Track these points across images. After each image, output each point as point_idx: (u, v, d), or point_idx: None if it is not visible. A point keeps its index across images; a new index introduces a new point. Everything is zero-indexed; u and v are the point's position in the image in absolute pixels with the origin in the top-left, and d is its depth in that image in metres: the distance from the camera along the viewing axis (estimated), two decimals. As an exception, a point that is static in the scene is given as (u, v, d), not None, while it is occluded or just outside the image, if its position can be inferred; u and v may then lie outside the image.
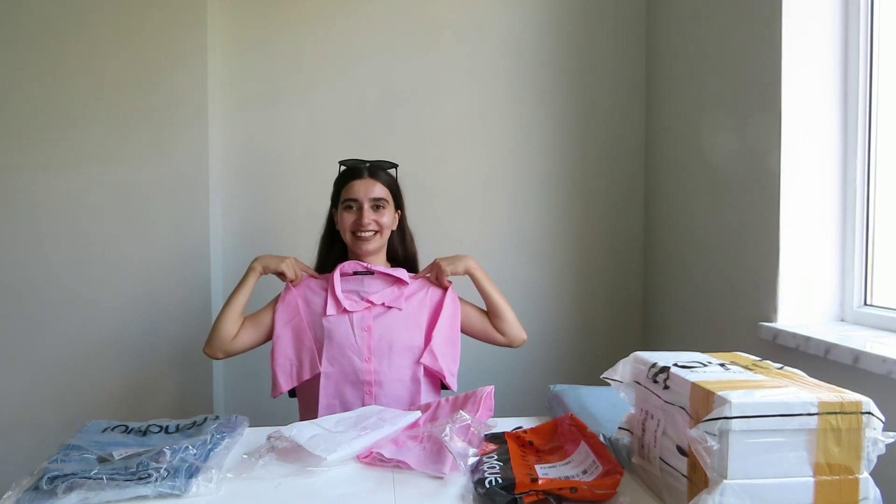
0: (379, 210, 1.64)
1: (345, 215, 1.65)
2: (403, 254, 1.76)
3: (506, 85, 2.41)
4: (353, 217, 1.63)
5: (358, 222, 1.62)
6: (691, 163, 2.13)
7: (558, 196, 2.44)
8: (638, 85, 2.45)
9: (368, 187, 1.64)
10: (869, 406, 0.85)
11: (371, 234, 1.63)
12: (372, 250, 1.65)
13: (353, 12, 2.36)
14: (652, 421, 1.01)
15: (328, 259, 1.74)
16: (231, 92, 2.32)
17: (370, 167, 1.67)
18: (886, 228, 1.62)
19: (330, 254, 1.74)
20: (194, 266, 2.23)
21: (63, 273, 2.19)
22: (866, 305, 1.66)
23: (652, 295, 2.44)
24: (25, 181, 2.18)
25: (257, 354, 2.34)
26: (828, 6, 1.65)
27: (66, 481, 0.98)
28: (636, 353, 1.10)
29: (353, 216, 1.63)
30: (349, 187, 1.65)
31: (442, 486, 1.05)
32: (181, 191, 2.21)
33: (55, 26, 2.17)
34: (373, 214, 1.63)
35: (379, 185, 1.66)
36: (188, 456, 1.07)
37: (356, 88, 2.36)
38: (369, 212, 1.63)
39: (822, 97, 1.66)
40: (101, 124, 2.19)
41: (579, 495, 0.97)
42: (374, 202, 1.64)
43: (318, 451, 1.10)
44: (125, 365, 2.21)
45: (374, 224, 1.63)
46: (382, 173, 1.69)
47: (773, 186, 1.68)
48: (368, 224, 1.62)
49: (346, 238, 1.66)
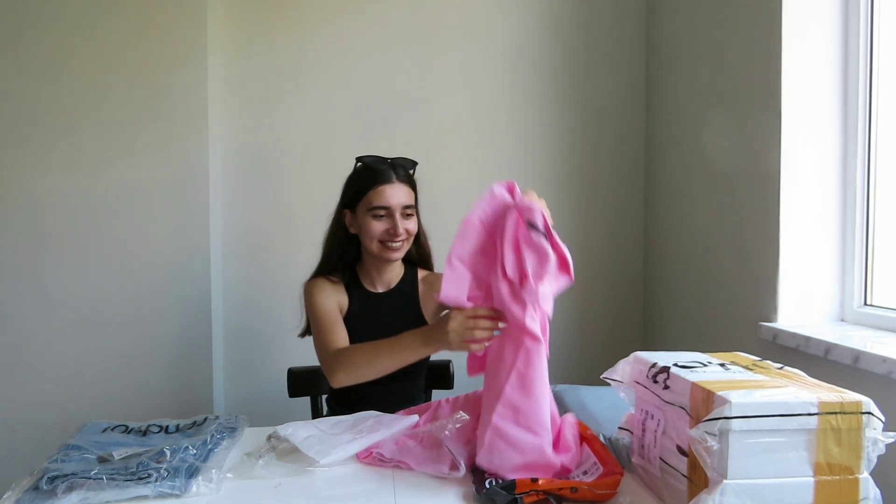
0: (409, 217, 1.56)
1: (374, 223, 1.53)
2: (418, 253, 1.70)
3: (506, 85, 2.41)
4: (385, 226, 1.53)
5: (391, 232, 1.53)
6: (691, 163, 2.13)
7: (558, 196, 2.44)
8: (638, 85, 2.45)
9: (399, 194, 1.54)
10: (869, 406, 0.85)
11: (401, 243, 1.56)
12: (397, 259, 1.60)
13: (354, 13, 2.36)
14: (652, 421, 1.01)
15: (342, 260, 1.64)
16: (231, 92, 2.32)
17: (397, 169, 1.56)
18: (886, 228, 1.62)
19: (343, 257, 1.64)
20: (194, 266, 2.23)
21: (63, 273, 2.19)
22: (866, 305, 1.66)
23: (652, 295, 2.44)
24: (26, 181, 2.18)
25: (257, 354, 2.35)
26: (828, 6, 1.65)
27: (66, 481, 0.98)
28: (636, 353, 1.10)
29: (385, 225, 1.53)
30: (378, 193, 1.53)
31: (442, 486, 1.05)
32: (181, 191, 2.21)
33: (55, 27, 2.16)
34: (404, 223, 1.54)
35: (406, 188, 1.56)
36: (188, 456, 1.08)
37: (356, 88, 2.36)
38: (402, 220, 1.53)
39: (822, 97, 1.66)
40: (101, 124, 2.19)
41: (579, 495, 0.97)
42: (405, 210, 1.55)
43: (312, 453, 1.10)
44: (125, 365, 2.21)
45: (404, 233, 1.54)
46: (407, 174, 1.59)
47: (773, 186, 1.68)
48: (402, 234, 1.53)
49: (372, 246, 1.55)
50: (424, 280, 1.69)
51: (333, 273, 1.63)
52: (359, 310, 1.60)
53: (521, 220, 1.05)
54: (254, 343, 2.34)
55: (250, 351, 2.35)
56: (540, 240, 1.03)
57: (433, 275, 1.71)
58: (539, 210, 1.06)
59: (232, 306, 2.35)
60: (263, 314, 2.34)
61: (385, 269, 1.62)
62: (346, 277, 1.63)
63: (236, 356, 2.36)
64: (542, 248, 1.03)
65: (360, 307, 1.60)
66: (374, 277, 1.63)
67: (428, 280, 1.68)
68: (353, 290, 1.62)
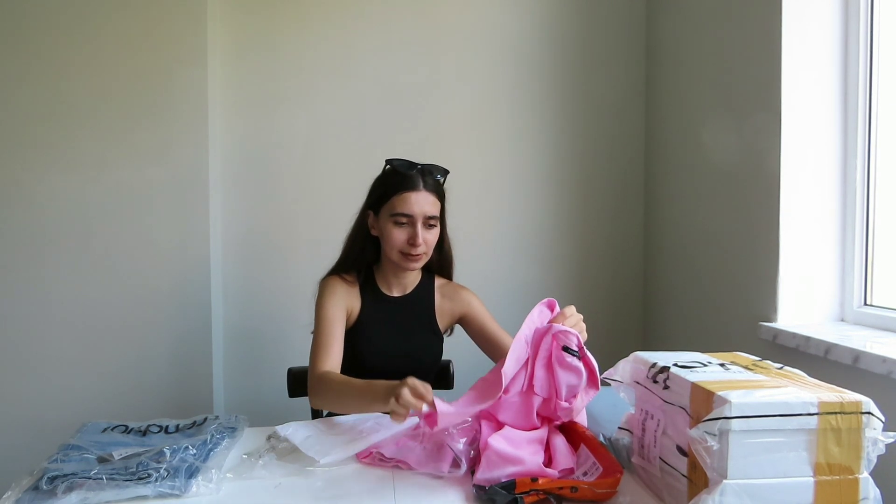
0: (431, 228, 1.52)
1: (395, 231, 1.50)
2: (439, 262, 1.65)
3: (506, 85, 2.41)
4: (405, 235, 1.50)
5: (411, 242, 1.49)
6: (691, 162, 2.13)
7: (558, 196, 2.44)
8: (638, 85, 2.45)
9: (424, 203, 1.50)
10: (869, 406, 0.85)
11: (420, 255, 1.52)
12: (416, 269, 1.58)
13: (354, 13, 2.36)
14: (652, 421, 1.01)
15: (360, 260, 1.60)
16: (231, 92, 2.32)
17: (423, 174, 1.52)
18: (886, 228, 1.62)
19: (361, 258, 1.61)
20: (194, 266, 2.23)
21: (63, 273, 2.19)
22: (866, 305, 1.66)
23: (652, 295, 2.44)
24: (26, 181, 2.17)
25: (257, 354, 2.35)
26: (828, 6, 1.65)
27: (66, 481, 0.98)
28: (636, 353, 1.10)
29: (405, 234, 1.50)
30: (403, 199, 1.49)
31: (442, 486, 1.05)
32: (181, 191, 2.21)
33: (55, 27, 2.16)
34: (426, 234, 1.51)
35: (433, 198, 1.52)
36: (188, 456, 1.08)
37: (356, 88, 2.36)
38: (423, 231, 1.50)
39: (822, 97, 1.66)
40: (101, 125, 2.19)
41: (579, 495, 0.97)
42: (429, 220, 1.51)
43: (312, 453, 1.10)
44: (125, 365, 2.21)
45: (424, 245, 1.51)
46: (436, 183, 1.55)
47: (773, 186, 1.68)
48: (421, 245, 1.50)
49: (392, 255, 1.52)
50: (441, 289, 1.65)
51: (349, 272, 1.60)
52: (372, 312, 1.58)
53: (557, 343, 1.16)
54: (254, 343, 2.34)
55: (250, 351, 2.35)
56: (573, 361, 1.15)
57: (451, 284, 1.67)
58: (575, 335, 1.16)
59: (232, 306, 2.35)
60: (263, 314, 2.34)
61: (402, 275, 1.60)
62: (362, 277, 1.60)
63: (236, 356, 2.36)
64: (577, 369, 1.15)
65: (373, 310, 1.58)
66: (391, 281, 1.60)
67: (445, 290, 1.65)
68: (367, 291, 1.59)
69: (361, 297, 1.58)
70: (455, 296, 1.65)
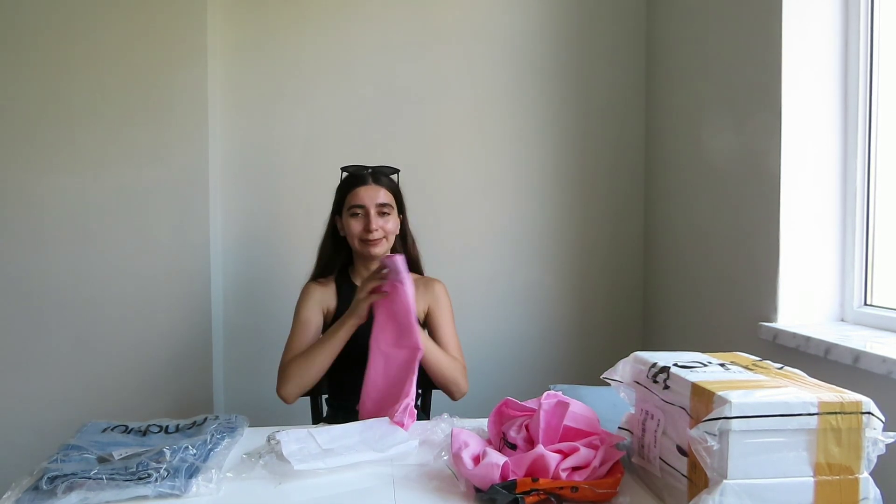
0: (384, 216, 1.67)
1: (352, 222, 1.67)
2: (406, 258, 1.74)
3: (506, 85, 2.41)
4: (361, 224, 1.66)
5: (366, 228, 1.64)
6: (691, 163, 2.13)
7: (558, 196, 2.44)
8: (638, 85, 2.45)
9: (374, 193, 1.66)
10: (869, 406, 0.85)
11: (379, 239, 1.66)
12: (380, 255, 1.67)
13: (353, 12, 2.36)
14: (652, 421, 1.01)
15: (332, 263, 1.75)
16: (231, 92, 2.32)
17: (373, 173, 1.70)
18: (886, 228, 1.62)
19: (334, 259, 1.75)
20: (194, 266, 2.23)
21: (63, 273, 2.19)
22: (866, 305, 1.66)
23: (652, 295, 2.44)
24: (26, 181, 2.18)
25: (257, 354, 2.35)
26: (828, 6, 1.65)
27: (66, 481, 0.98)
28: (636, 353, 1.10)
29: (361, 223, 1.66)
30: (354, 194, 1.67)
31: (442, 487, 1.05)
32: (181, 191, 2.21)
33: (55, 27, 2.17)
34: (379, 220, 1.65)
35: (383, 190, 1.68)
36: (188, 456, 1.07)
37: (356, 88, 2.36)
38: (376, 218, 1.65)
39: (822, 97, 1.66)
40: (101, 125, 2.19)
41: (580, 495, 0.97)
42: (380, 208, 1.66)
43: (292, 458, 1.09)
44: (125, 365, 2.21)
45: (380, 230, 1.66)
46: (385, 179, 1.71)
47: (773, 186, 1.68)
48: (376, 230, 1.64)
49: (355, 244, 1.68)
50: (416, 282, 1.67)
51: (325, 275, 1.75)
52: (347, 305, 1.62)
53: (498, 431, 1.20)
54: (254, 343, 2.34)
55: (250, 351, 2.35)
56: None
57: (422, 279, 1.78)
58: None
59: (232, 306, 2.35)
60: (263, 314, 2.34)
61: (371, 266, 1.67)
62: (337, 277, 1.74)
63: (236, 356, 2.36)
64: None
65: (348, 303, 1.63)
66: (363, 275, 1.70)
67: (418, 283, 1.71)
68: (342, 287, 1.72)
69: (337, 293, 1.72)
70: (427, 287, 1.75)
